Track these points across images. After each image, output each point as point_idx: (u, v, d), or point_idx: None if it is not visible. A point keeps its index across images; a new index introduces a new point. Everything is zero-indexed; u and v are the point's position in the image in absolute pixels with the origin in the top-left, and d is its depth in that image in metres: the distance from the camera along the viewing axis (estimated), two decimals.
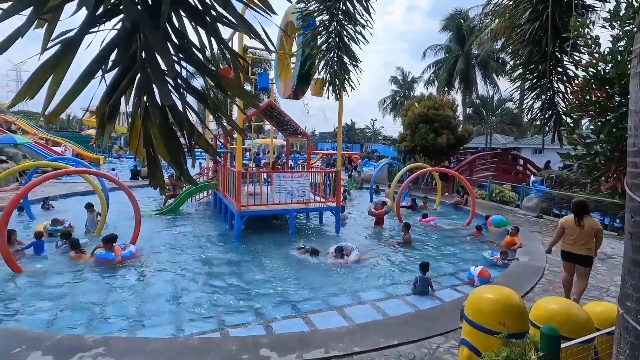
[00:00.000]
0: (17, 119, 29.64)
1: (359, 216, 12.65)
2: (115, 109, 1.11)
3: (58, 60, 0.97)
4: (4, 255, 6.38)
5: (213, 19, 1.06)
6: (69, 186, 15.40)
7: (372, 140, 54.72)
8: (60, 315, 5.24)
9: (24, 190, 7.47)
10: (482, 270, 6.70)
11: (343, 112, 9.95)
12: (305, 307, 5.66)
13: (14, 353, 3.77)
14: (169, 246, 8.60)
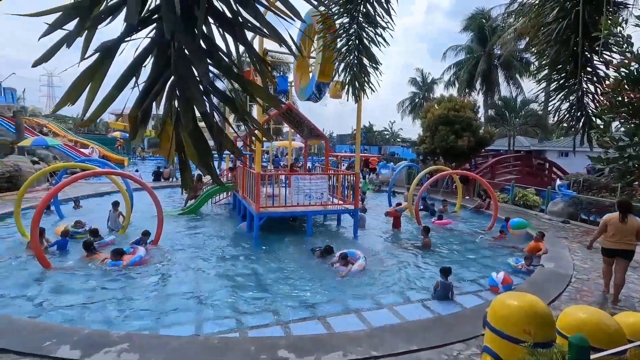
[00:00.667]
0: (49, 122, 31.05)
1: (377, 219, 12.55)
2: (147, 113, 1.15)
3: (96, 69, 1.02)
4: (36, 252, 6.68)
5: (241, 26, 1.09)
6: (96, 187, 15.98)
7: (391, 142, 54.26)
8: (86, 310, 5.44)
9: (54, 190, 7.81)
10: (505, 276, 6.52)
11: (361, 114, 9.91)
12: (322, 310, 5.66)
13: (45, 346, 3.94)
14: (189, 246, 8.78)
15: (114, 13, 1.01)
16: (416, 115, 40.43)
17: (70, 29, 0.97)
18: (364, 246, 9.38)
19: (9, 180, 14.20)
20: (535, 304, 2.85)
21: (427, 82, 42.06)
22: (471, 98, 24.70)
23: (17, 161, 15.79)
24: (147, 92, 1.12)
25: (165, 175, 20.04)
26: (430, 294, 6.27)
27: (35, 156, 19.40)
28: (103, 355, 3.83)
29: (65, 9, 0.95)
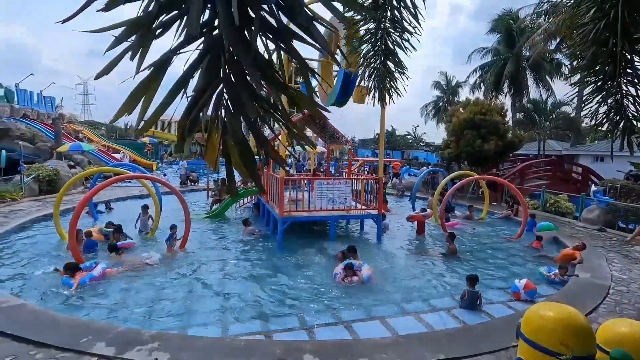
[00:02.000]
0: (84, 128, 32.67)
1: (401, 225, 12.38)
2: (195, 122, 1.22)
3: (151, 81, 1.09)
4: (73, 253, 7.03)
5: (291, 37, 1.13)
6: (126, 190, 16.64)
7: (414, 147, 53.48)
8: (119, 309, 5.67)
9: (91, 193, 8.21)
10: (528, 282, 6.33)
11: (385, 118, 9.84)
12: (347, 315, 5.63)
13: (82, 342, 4.13)
14: (214, 249, 8.99)
15: (168, 27, 1.08)
16: (440, 119, 39.75)
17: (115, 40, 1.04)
18: (387, 251, 9.29)
19: (49, 184, 15.05)
20: (574, 316, 2.73)
21: (452, 86, 41.30)
22: (498, 101, 24.01)
23: (55, 165, 16.69)
24: (195, 102, 1.18)
25: (193, 178, 20.66)
26: (457, 302, 6.11)
27: (72, 161, 20.45)
28: (136, 353, 3.97)
29: (128, 24, 1.03)
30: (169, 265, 7.65)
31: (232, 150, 1.22)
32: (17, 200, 12.92)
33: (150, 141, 38.29)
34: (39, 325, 4.49)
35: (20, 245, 8.70)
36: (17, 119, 25.08)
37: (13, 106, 25.73)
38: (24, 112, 26.70)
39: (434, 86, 42.10)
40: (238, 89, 1.12)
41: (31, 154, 21.62)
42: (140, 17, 1.03)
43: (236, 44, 1.02)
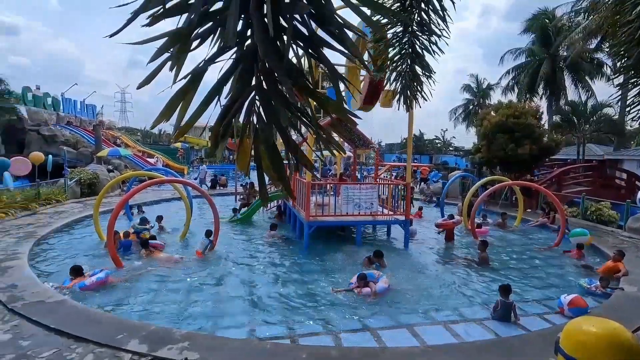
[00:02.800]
0: (122, 134, 34.43)
1: (429, 231, 12.10)
2: (228, 129, 1.26)
3: (187, 89, 1.15)
4: (111, 253, 7.40)
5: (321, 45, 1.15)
6: (158, 193, 17.32)
7: (442, 151, 52.25)
8: (151, 307, 5.89)
9: (128, 195, 8.62)
10: (574, 298, 5.88)
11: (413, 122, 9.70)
12: (373, 322, 5.55)
13: (118, 339, 4.32)
14: (242, 252, 9.16)
15: (205, 39, 1.13)
16: (470, 122, 38.64)
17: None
18: (415, 258, 9.10)
19: (89, 187, 15.97)
20: (619, 332, 2.53)
21: (482, 88, 40.08)
22: (533, 103, 23.01)
23: (95, 169, 17.69)
24: (227, 109, 1.22)
25: (222, 182, 21.23)
26: (488, 313, 5.87)
27: (110, 165, 21.59)
28: (167, 351, 4.11)
29: (169, 36, 1.09)
30: (199, 267, 7.87)
31: (263, 155, 1.25)
32: (61, 202, 13.79)
33: (182, 146, 39.77)
34: (79, 321, 4.74)
35: (64, 243, 9.26)
36: (62, 126, 26.86)
37: (59, 114, 27.59)
38: (68, 120, 28.56)
39: (464, 89, 41.04)
40: (270, 96, 1.15)
41: (74, 158, 23.06)
42: (180, 29, 1.09)
43: (269, 54, 1.05)
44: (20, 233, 9.32)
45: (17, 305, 5.13)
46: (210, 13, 1.12)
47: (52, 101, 27.17)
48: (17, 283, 5.98)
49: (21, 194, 12.47)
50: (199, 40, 1.16)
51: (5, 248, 7.92)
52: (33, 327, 4.63)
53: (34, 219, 11.08)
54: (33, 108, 24.84)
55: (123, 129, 46.61)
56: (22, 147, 22.67)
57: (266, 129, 1.20)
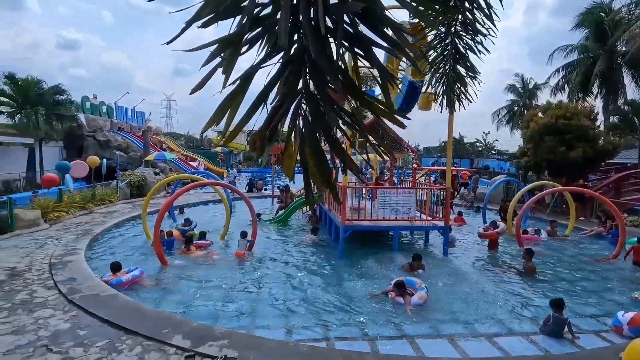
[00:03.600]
0: (167, 139, 36.44)
1: (470, 238, 11.60)
2: (274, 132, 1.29)
3: (236, 94, 1.20)
4: (157, 251, 7.82)
5: (371, 44, 1.15)
6: (199, 195, 18.08)
7: (484, 155, 50.01)
8: (193, 304, 6.15)
9: (173, 197, 9.11)
10: (635, 316, 5.32)
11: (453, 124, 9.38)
12: (411, 330, 5.40)
13: (163, 333, 4.54)
14: (279, 254, 9.30)
15: (254, 44, 1.17)
16: (515, 124, 36.65)
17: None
18: (455, 266, 8.75)
19: (138, 188, 17.04)
20: None
21: (529, 88, 37.90)
22: (586, 103, 21.40)
23: (144, 172, 18.85)
24: (274, 113, 1.25)
25: (259, 186, 21.77)
26: (536, 327, 5.50)
27: (157, 168, 22.91)
28: (208, 347, 4.25)
29: (220, 42, 1.14)
30: (236, 267, 8.11)
31: (310, 159, 1.26)
32: (113, 203, 14.84)
33: (222, 150, 41.31)
34: (129, 314, 5.05)
35: (116, 242, 9.94)
36: (115, 132, 28.96)
37: (112, 121, 29.80)
38: (120, 126, 30.74)
39: (508, 89, 39.03)
40: (318, 99, 1.17)
41: (125, 162, 24.75)
42: (231, 34, 1.14)
43: (321, 55, 1.06)
44: (79, 230, 10.13)
45: (75, 297, 5.57)
46: (259, 18, 1.16)
47: (106, 109, 29.42)
48: (76, 277, 6.49)
49: (79, 195, 13.57)
50: (248, 45, 1.20)
51: (66, 244, 8.64)
52: (89, 318, 5.00)
53: (90, 218, 12.01)
54: (90, 116, 27.03)
55: (168, 134, 49.32)
56: (81, 152, 24.70)
57: (312, 132, 1.21)
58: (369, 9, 1.07)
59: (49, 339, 4.41)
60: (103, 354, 4.12)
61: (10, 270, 6.85)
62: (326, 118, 1.17)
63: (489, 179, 24.42)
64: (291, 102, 1.24)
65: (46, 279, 6.40)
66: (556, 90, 28.26)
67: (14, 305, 5.33)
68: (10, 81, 21.40)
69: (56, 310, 5.20)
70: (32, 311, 5.16)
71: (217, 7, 1.10)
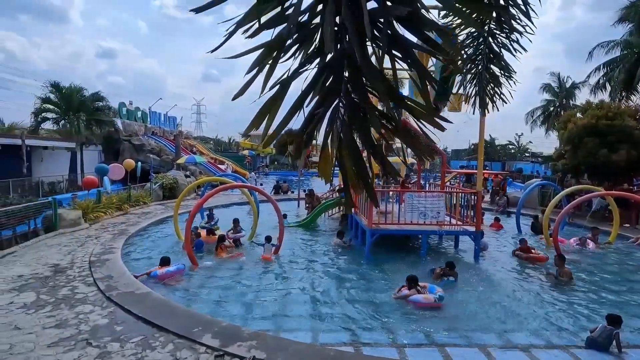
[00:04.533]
0: (197, 143, 37.61)
1: (502, 243, 11.15)
2: (311, 136, 1.30)
3: (275, 99, 1.21)
4: (188, 252, 8.06)
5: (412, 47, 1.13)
6: (228, 197, 18.47)
7: (517, 157, 48.04)
8: (222, 304, 6.27)
9: (203, 199, 9.36)
10: None
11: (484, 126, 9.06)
12: (441, 338, 5.24)
13: (193, 332, 4.66)
14: (305, 257, 9.33)
15: (299, 49, 1.18)
16: (551, 126, 34.96)
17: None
18: (486, 273, 8.42)
19: (170, 190, 17.68)
20: None
21: (566, 87, 36.04)
22: (631, 103, 20.08)
23: (175, 175, 19.53)
24: (311, 117, 1.26)
25: (285, 189, 21.98)
26: (577, 339, 5.18)
27: (187, 171, 23.68)
28: (237, 347, 4.32)
29: (265, 47, 1.16)
30: (263, 270, 8.20)
31: (348, 163, 1.25)
32: (147, 204, 15.47)
33: (249, 154, 42.15)
34: (161, 312, 5.22)
35: (149, 242, 10.34)
36: (149, 136, 30.24)
37: (146, 125, 31.12)
38: (153, 130, 32.05)
39: (543, 89, 37.26)
40: (358, 103, 1.16)
41: (158, 165, 25.76)
42: (274, 40, 1.15)
43: (365, 60, 1.05)
44: (115, 230, 10.63)
45: (112, 294, 5.84)
46: (299, 24, 1.16)
47: (141, 114, 30.78)
48: (113, 274, 6.80)
49: (116, 196, 14.25)
50: (290, 50, 1.20)
51: (104, 243, 9.09)
52: (125, 314, 5.22)
53: (125, 218, 12.58)
54: (126, 121, 28.37)
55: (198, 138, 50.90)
56: (117, 155, 25.97)
57: (351, 137, 1.20)
58: (414, 12, 1.05)
59: (89, 333, 4.64)
60: (138, 349, 4.28)
61: (54, 267, 7.29)
62: (367, 122, 1.16)
63: (522, 182, 23.41)
64: (328, 107, 1.23)
65: (86, 276, 6.75)
66: (596, 89, 26.69)
67: (57, 300, 5.65)
68: (55, 89, 22.89)
69: (95, 306, 5.47)
70: (73, 306, 5.45)
71: (259, 16, 1.12)
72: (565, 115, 18.11)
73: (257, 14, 1.11)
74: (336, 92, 1.19)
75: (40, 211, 9.88)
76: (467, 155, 47.35)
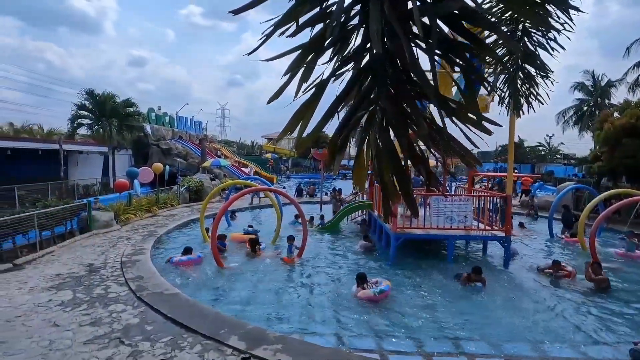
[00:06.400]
0: (221, 147, 38.42)
1: (533, 249, 10.68)
2: (346, 142, 1.27)
3: (311, 102, 1.19)
4: (214, 254, 8.20)
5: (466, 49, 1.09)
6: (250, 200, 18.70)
7: (547, 159, 46.11)
8: (247, 306, 6.33)
9: (229, 202, 9.53)
10: None
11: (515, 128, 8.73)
12: (469, 347, 5.07)
13: (221, 334, 4.72)
14: (329, 260, 9.29)
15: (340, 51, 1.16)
16: (584, 126, 33.36)
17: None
18: (517, 280, 8.08)
19: (196, 193, 18.11)
20: None
21: (600, 86, 34.29)
22: None
23: (201, 178, 20.00)
24: (346, 121, 1.23)
25: (311, 191, 22.06)
26: (620, 354, 4.86)
27: (212, 174, 24.20)
28: (262, 351, 4.33)
29: (302, 48, 1.15)
30: (287, 272, 8.22)
31: (386, 170, 1.21)
32: (174, 206, 15.91)
33: (272, 157, 42.63)
34: (189, 313, 5.32)
35: (177, 243, 10.61)
36: (176, 140, 31.17)
37: (173, 130, 32.11)
38: (180, 135, 33.02)
39: (576, 88, 35.59)
40: (404, 106, 1.12)
41: (184, 168, 26.49)
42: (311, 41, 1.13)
43: (413, 58, 1.01)
44: (145, 232, 10.98)
45: (143, 294, 6.01)
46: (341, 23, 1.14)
47: (169, 119, 31.79)
48: (143, 275, 7.01)
49: (146, 199, 14.74)
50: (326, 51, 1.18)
51: (134, 244, 9.40)
52: (154, 314, 5.36)
53: (154, 220, 12.98)
54: (155, 126, 29.38)
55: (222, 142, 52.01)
56: (146, 159, 26.91)
57: (391, 143, 1.16)
58: (467, 8, 1.00)
59: (121, 332, 4.79)
60: (167, 349, 4.37)
61: (89, 266, 7.60)
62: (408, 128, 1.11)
63: (554, 185, 22.42)
64: (365, 111, 1.20)
65: (118, 276, 6.99)
66: (635, 86, 25.29)
67: (92, 299, 5.88)
68: (90, 96, 24.05)
69: (127, 305, 5.65)
70: (107, 305, 5.66)
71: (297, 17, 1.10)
72: (602, 115, 17.23)
73: (295, 14, 1.10)
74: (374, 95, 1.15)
75: (76, 213, 10.35)
76: (494, 158, 45.88)
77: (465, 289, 7.18)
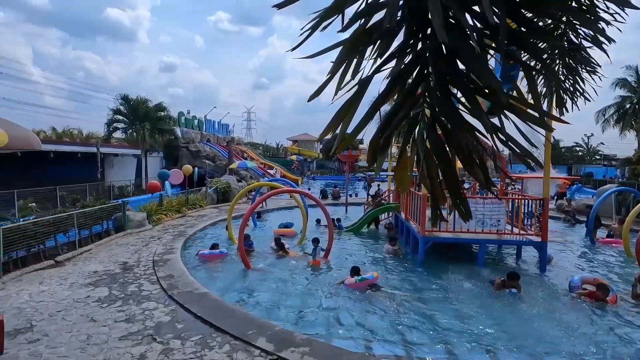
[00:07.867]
0: (248, 149, 39.11)
1: (569, 255, 10.09)
2: (388, 142, 1.20)
3: (353, 101, 1.14)
4: (241, 255, 8.30)
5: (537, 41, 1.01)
6: (276, 202, 18.87)
7: (586, 160, 43.69)
8: (274, 307, 6.34)
9: (256, 203, 9.66)
10: None
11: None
12: (504, 356, 4.81)
13: (249, 334, 4.74)
14: (355, 262, 9.13)
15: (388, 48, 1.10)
16: (627, 125, 31.30)
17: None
18: (554, 288, 7.63)
19: (223, 194, 18.50)
20: None
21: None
22: None
23: (228, 179, 20.41)
24: (389, 120, 1.17)
25: (335, 194, 22.01)
26: None
27: (239, 176, 24.65)
28: (290, 353, 4.31)
29: (348, 43, 1.10)
30: (314, 275, 8.19)
31: (434, 173, 1.13)
32: (203, 207, 16.31)
33: (297, 159, 42.93)
34: (218, 313, 5.40)
35: (205, 244, 10.84)
36: (204, 143, 32.03)
37: (202, 133, 33.01)
38: (208, 137, 33.89)
39: (617, 84, 33.48)
40: (467, 103, 1.04)
41: (212, 170, 27.14)
42: (356, 36, 1.07)
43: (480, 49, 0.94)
44: (175, 232, 11.31)
45: (174, 293, 6.16)
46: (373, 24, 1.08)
47: (197, 122, 32.72)
48: (173, 274, 7.20)
49: (176, 200, 15.20)
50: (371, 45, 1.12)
51: (165, 243, 9.70)
52: (185, 313, 5.47)
53: (184, 220, 13.35)
54: (185, 129, 30.32)
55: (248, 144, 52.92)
56: (176, 161, 27.80)
57: (442, 145, 1.08)
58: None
59: (153, 329, 4.91)
60: (197, 348, 4.44)
61: (124, 264, 7.90)
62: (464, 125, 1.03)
63: (593, 188, 21.17)
64: (409, 109, 1.13)
65: (150, 275, 7.21)
66: None
67: (126, 296, 6.09)
68: (124, 101, 25.15)
69: (159, 304, 5.81)
70: (140, 302, 5.84)
71: (342, 9, 1.05)
72: None
73: (340, 6, 1.04)
74: (422, 91, 1.08)
75: (112, 213, 10.82)
76: None
77: (499, 295, 6.86)
